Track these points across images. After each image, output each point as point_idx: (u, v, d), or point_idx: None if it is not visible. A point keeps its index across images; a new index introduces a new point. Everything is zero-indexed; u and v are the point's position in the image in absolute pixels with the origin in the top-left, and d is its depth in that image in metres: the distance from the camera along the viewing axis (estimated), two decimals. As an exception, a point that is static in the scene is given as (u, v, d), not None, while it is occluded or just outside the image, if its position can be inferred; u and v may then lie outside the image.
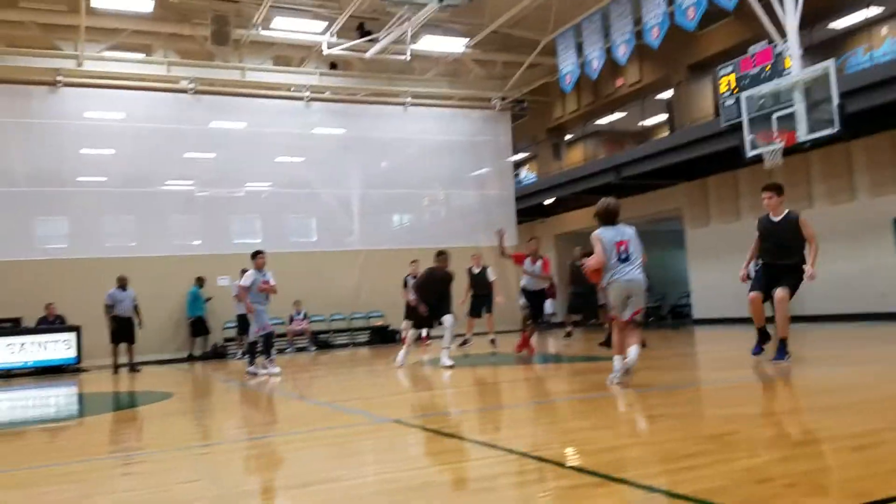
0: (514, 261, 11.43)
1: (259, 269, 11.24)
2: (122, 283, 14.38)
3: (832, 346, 10.76)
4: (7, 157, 16.85)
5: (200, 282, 17.94)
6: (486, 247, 21.13)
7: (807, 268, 7.51)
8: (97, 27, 17.20)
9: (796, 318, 15.86)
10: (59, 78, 17.19)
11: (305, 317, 18.62)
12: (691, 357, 10.96)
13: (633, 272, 6.75)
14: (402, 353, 10.87)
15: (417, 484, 3.70)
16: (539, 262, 11.20)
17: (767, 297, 7.81)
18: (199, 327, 18.04)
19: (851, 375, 6.97)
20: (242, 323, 16.51)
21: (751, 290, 7.94)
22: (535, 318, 11.43)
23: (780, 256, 7.77)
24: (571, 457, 4.16)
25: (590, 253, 7.04)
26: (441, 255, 10.64)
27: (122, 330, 14.21)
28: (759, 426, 4.81)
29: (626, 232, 6.87)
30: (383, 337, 19.32)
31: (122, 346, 14.30)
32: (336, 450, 4.95)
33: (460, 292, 13.30)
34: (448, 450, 4.59)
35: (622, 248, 6.75)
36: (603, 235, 6.81)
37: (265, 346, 11.29)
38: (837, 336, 12.02)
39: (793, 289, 7.67)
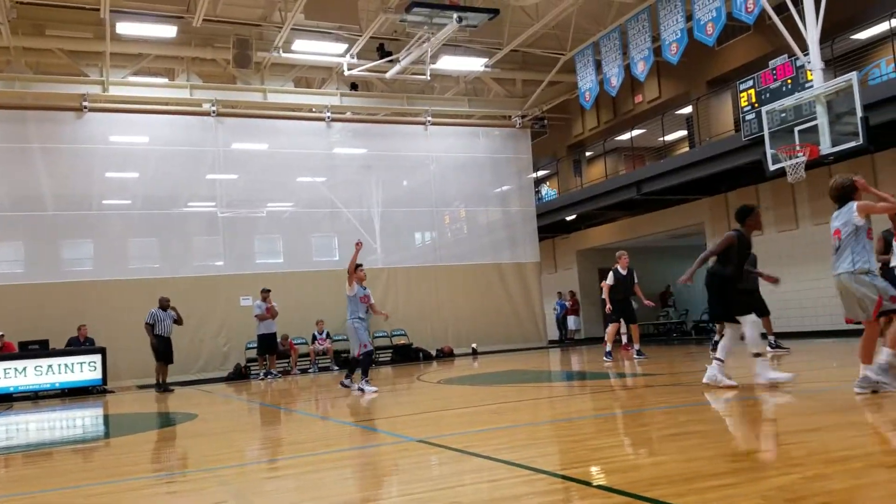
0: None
1: (360, 282, 10.75)
2: (164, 304, 14.62)
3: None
4: (35, 182, 17.10)
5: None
6: (506, 263, 21.26)
7: None
8: (122, 53, 17.54)
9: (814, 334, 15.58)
10: (84, 103, 17.44)
11: (328, 336, 18.65)
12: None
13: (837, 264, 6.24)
14: (772, 369, 7.60)
15: (445, 504, 3.68)
16: None
17: None
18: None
19: None
20: (262, 343, 16.56)
21: None
22: None
23: None
24: (599, 475, 4.12)
25: None
26: (750, 212, 7.95)
27: (162, 348, 14.49)
28: (789, 444, 4.74)
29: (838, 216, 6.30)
30: (406, 355, 19.31)
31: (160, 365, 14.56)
32: (362, 470, 4.94)
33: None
34: (475, 469, 4.56)
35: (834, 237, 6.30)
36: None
37: (363, 366, 10.75)
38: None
39: None
